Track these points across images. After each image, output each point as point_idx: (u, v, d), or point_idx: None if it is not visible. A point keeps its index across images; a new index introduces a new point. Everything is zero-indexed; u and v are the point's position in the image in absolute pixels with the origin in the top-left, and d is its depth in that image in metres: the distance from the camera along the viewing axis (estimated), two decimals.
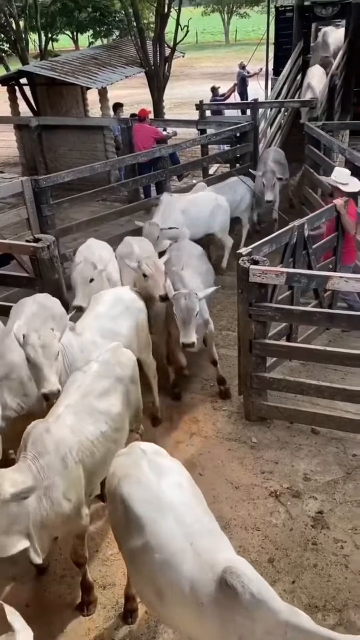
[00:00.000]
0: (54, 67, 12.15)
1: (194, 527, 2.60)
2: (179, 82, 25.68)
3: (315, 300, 5.97)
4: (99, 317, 4.43)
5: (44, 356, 3.61)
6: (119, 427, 3.55)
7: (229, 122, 9.90)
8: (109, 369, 3.64)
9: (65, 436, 3.13)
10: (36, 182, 6.89)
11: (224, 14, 47.78)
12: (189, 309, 4.47)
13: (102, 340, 4.21)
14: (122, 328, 4.44)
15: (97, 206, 9.95)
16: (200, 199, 7.76)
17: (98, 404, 3.44)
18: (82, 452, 3.20)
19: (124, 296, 4.71)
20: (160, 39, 13.14)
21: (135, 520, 2.69)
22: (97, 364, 3.64)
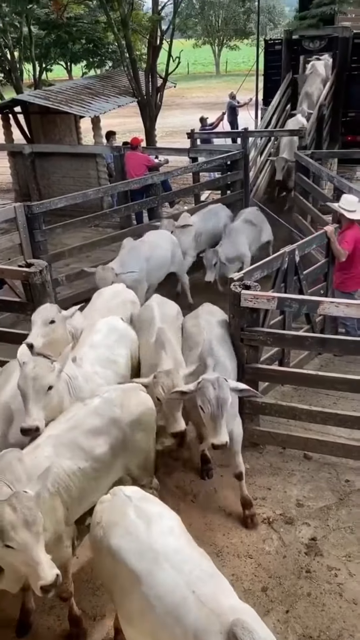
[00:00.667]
0: (48, 96, 12.37)
1: (194, 574, 2.46)
2: (171, 111, 26.15)
3: (307, 325, 6.01)
4: (96, 347, 4.29)
5: (32, 388, 3.41)
6: (102, 469, 3.34)
7: (220, 151, 10.09)
8: (108, 408, 3.48)
9: (40, 465, 2.97)
10: (29, 208, 6.95)
11: (214, 46, 49.03)
12: (219, 401, 3.51)
13: (102, 370, 4.10)
14: (118, 357, 4.34)
15: (90, 232, 10.02)
16: (161, 242, 7.30)
17: (82, 440, 3.29)
18: (58, 483, 3.09)
19: (117, 325, 4.61)
20: (152, 70, 13.43)
21: (129, 575, 2.53)
22: (100, 399, 3.52)
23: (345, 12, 13.45)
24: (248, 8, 43.82)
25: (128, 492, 2.88)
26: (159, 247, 7.18)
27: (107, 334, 4.45)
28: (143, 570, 2.50)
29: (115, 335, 4.47)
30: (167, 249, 7.27)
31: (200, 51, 48.89)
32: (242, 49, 46.80)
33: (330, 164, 11.75)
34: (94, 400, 3.51)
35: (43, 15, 17.27)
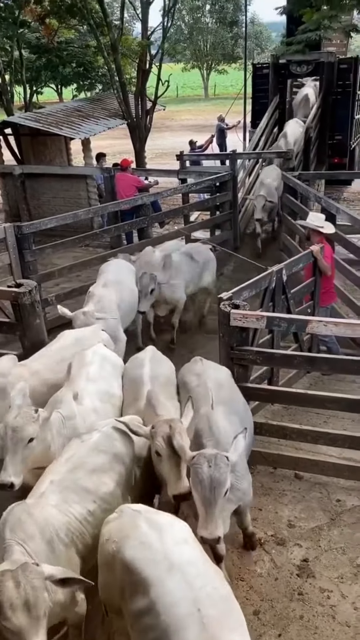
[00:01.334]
0: (39, 118, 12.49)
1: (204, 591, 2.38)
2: (160, 134, 26.49)
3: (295, 343, 6.04)
4: (94, 380, 4.10)
5: (10, 440, 3.23)
6: (111, 509, 3.03)
7: (209, 172, 10.20)
8: (108, 443, 3.32)
9: (51, 517, 2.85)
10: (19, 228, 6.97)
11: (203, 70, 49.87)
12: (215, 484, 2.97)
13: (101, 405, 3.96)
14: (115, 389, 4.22)
15: (80, 252, 10.04)
16: (128, 289, 6.54)
17: (86, 481, 3.11)
18: (72, 533, 2.92)
19: (106, 354, 4.45)
20: (141, 93, 13.65)
21: (142, 583, 2.47)
22: (99, 434, 3.36)
23: (330, 38, 13.78)
24: (235, 33, 44.91)
25: (135, 507, 2.85)
26: (126, 294, 6.39)
27: (101, 364, 4.28)
28: (155, 579, 2.45)
29: (109, 366, 4.33)
30: (134, 299, 6.56)
31: (189, 75, 49.68)
32: (230, 72, 47.66)
33: (317, 185, 11.91)
34: (93, 436, 3.35)
35: (34, 39, 17.57)
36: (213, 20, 46.79)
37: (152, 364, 4.27)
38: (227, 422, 3.56)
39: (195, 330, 7.67)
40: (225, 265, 9.69)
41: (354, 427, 5.22)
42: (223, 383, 4.02)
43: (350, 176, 13.31)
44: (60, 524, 2.87)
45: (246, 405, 4.16)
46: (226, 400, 3.80)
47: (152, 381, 4.02)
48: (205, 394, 3.71)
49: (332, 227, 6.24)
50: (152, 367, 4.22)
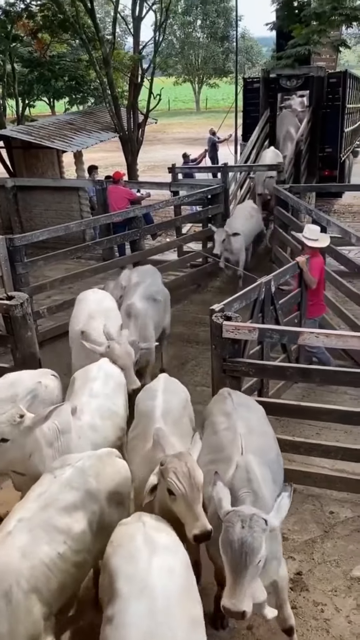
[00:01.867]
0: (31, 131, 12.55)
1: (161, 628, 2.31)
2: (153, 146, 26.66)
3: (283, 354, 6.06)
4: (96, 396, 4.01)
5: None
6: (82, 551, 2.95)
7: (201, 185, 10.27)
8: (82, 479, 3.11)
9: (11, 563, 2.61)
10: (11, 240, 6.96)
11: (194, 84, 50.40)
12: (246, 549, 2.57)
13: (101, 422, 3.86)
14: (118, 407, 4.11)
15: (72, 264, 10.05)
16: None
17: (57, 520, 2.89)
18: (35, 578, 2.67)
19: (112, 371, 4.35)
20: (133, 107, 13.76)
21: (113, 592, 2.49)
22: (72, 470, 3.15)
23: (319, 52, 13.99)
24: (226, 48, 45.46)
25: (146, 517, 2.84)
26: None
27: (105, 380, 4.20)
28: (124, 594, 2.44)
29: (112, 383, 4.24)
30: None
31: (181, 88, 50.16)
32: (221, 86, 48.20)
33: (308, 197, 12.02)
34: (66, 471, 3.14)
35: (26, 53, 17.70)
36: (204, 35, 47.40)
37: (165, 395, 3.88)
38: (264, 477, 3.15)
39: (187, 342, 7.67)
40: (216, 278, 9.74)
41: (346, 438, 5.23)
42: (255, 427, 3.56)
43: (341, 188, 13.48)
44: (23, 569, 2.63)
45: (279, 454, 3.70)
46: (258, 448, 3.36)
47: (164, 417, 3.63)
48: (234, 439, 3.34)
49: (326, 240, 6.24)
50: (165, 399, 3.83)
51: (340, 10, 9.67)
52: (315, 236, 6.17)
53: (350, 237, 6.66)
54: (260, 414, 3.86)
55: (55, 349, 7.23)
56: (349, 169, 16.31)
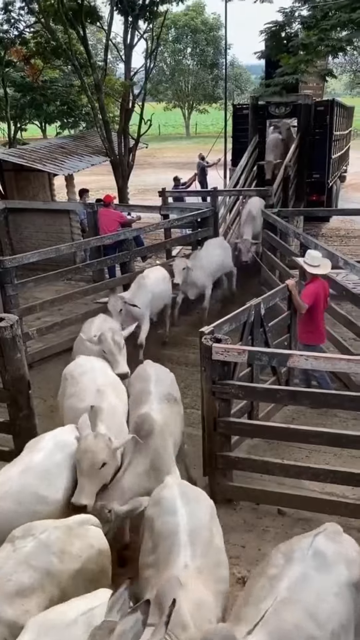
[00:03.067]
0: (22, 154, 12.66)
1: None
2: (143, 170, 26.94)
3: (273, 376, 6.08)
4: (27, 471, 3.44)
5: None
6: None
7: (191, 208, 10.40)
8: (43, 557, 2.71)
9: None
10: (1, 262, 6.98)
11: (184, 110, 51.25)
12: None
13: (19, 508, 3.25)
14: (55, 491, 3.43)
15: (62, 285, 10.07)
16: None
17: (6, 608, 2.52)
18: None
19: (68, 440, 3.72)
20: (124, 131, 13.94)
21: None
22: (34, 543, 2.74)
23: (306, 81, 14.33)
24: (216, 75, 46.39)
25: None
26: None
27: (52, 452, 3.65)
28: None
29: (60, 455, 3.62)
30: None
31: (171, 114, 50.97)
32: (210, 112, 49.06)
33: (296, 221, 12.20)
34: (27, 543, 2.75)
35: (19, 78, 17.94)
36: (194, 63, 48.35)
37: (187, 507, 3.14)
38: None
39: (177, 364, 7.67)
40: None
41: (336, 461, 5.23)
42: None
43: (328, 213, 13.65)
44: None
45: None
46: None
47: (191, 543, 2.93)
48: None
49: (327, 266, 6.12)
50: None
51: (326, 41, 9.93)
52: (316, 262, 6.07)
53: (337, 260, 6.74)
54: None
55: (44, 370, 7.22)
56: (336, 194, 16.61)
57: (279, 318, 6.24)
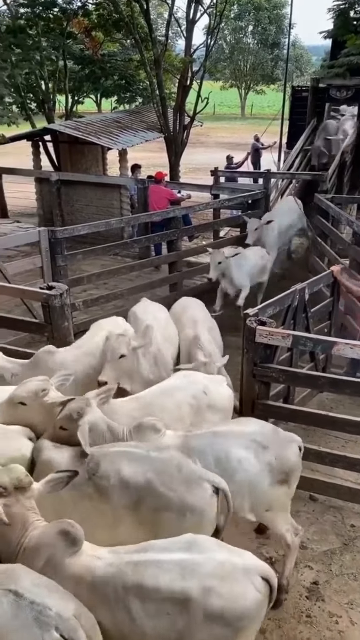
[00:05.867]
0: (78, 127, 12.75)
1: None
2: (195, 149, 26.73)
3: (311, 362, 6.03)
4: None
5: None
6: None
7: (242, 189, 10.28)
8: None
9: None
10: (53, 233, 7.10)
11: (241, 90, 50.43)
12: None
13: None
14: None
15: (109, 260, 10.18)
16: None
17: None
18: None
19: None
20: (180, 108, 13.85)
21: None
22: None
23: None
24: (276, 55, 45.39)
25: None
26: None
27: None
28: None
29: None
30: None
31: (227, 93, 50.24)
32: (267, 93, 48.10)
33: (349, 209, 11.91)
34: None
35: (78, 50, 17.99)
36: (255, 41, 47.40)
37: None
38: None
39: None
40: None
41: None
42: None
43: None
44: None
45: None
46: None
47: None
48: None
49: None
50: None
51: None
52: None
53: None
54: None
55: None
56: None
57: (321, 304, 6.17)
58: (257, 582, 2.62)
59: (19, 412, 3.54)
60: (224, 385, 4.34)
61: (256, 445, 3.53)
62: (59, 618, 2.28)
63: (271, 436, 3.62)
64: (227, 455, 3.45)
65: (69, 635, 2.27)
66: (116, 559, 2.63)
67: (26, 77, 15.83)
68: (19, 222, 14.53)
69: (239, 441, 3.53)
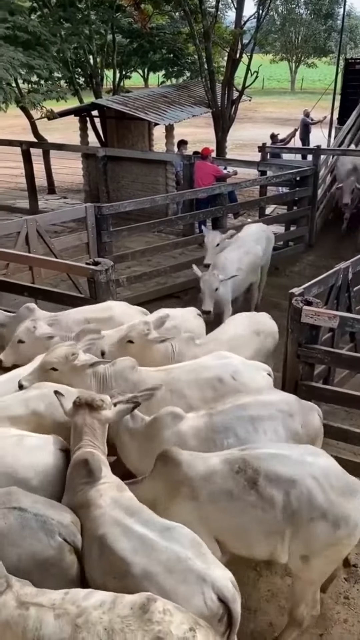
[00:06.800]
0: (126, 102, 12.68)
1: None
2: (242, 125, 26.22)
3: (351, 343, 5.90)
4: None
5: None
6: None
7: (290, 166, 10.06)
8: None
9: None
10: (99, 209, 7.15)
11: (291, 63, 48.93)
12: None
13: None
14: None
15: (152, 237, 10.20)
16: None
17: None
18: None
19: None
20: (229, 83, 13.56)
21: None
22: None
23: None
24: (329, 26, 43.67)
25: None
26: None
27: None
28: None
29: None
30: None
31: (276, 67, 48.87)
32: (319, 66, 46.50)
33: None
34: None
35: (127, 24, 17.78)
36: (307, 12, 45.75)
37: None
38: None
39: None
40: (297, 262, 9.59)
41: None
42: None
43: None
44: None
45: None
46: None
47: None
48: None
49: None
50: None
51: None
52: None
53: None
54: None
55: None
56: None
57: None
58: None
59: (52, 377, 3.72)
60: (262, 373, 4.16)
61: (283, 414, 3.51)
62: (60, 525, 2.70)
63: (295, 404, 3.62)
64: (255, 427, 3.42)
65: (70, 539, 2.70)
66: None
67: (75, 52, 15.75)
68: (66, 198, 14.70)
69: (265, 411, 3.50)
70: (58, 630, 2.17)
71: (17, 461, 3.09)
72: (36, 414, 3.50)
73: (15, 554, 2.61)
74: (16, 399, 3.59)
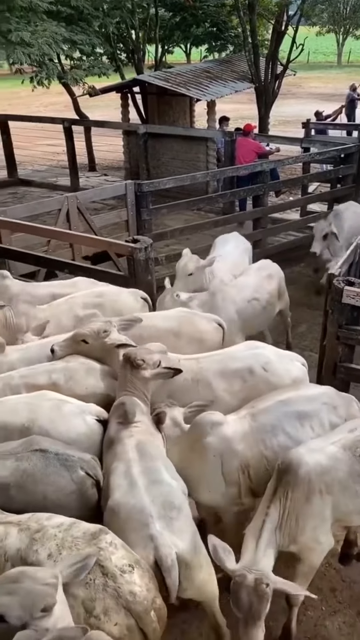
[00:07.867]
0: (168, 77, 12.53)
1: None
2: (286, 100, 25.59)
3: None
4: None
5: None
6: None
7: (334, 143, 9.78)
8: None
9: None
10: (139, 186, 7.13)
11: (339, 35, 47.18)
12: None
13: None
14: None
15: (191, 215, 10.12)
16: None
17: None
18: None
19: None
20: (273, 56, 13.24)
21: None
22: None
23: None
24: None
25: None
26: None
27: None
28: None
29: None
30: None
31: (323, 40, 47.14)
32: None
33: None
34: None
35: None
36: None
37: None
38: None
39: (300, 305, 7.52)
40: None
41: None
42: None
43: None
44: None
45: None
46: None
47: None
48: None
49: None
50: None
51: None
52: None
53: None
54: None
55: None
56: None
57: None
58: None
59: (83, 349, 3.82)
60: (297, 364, 3.99)
61: (327, 407, 3.48)
62: (81, 461, 2.97)
63: (336, 397, 3.58)
64: (302, 423, 3.38)
65: (92, 472, 2.96)
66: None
67: (117, 26, 15.61)
68: (107, 176, 14.74)
69: (310, 406, 3.45)
70: (18, 542, 2.50)
71: (53, 427, 3.22)
72: (56, 385, 3.60)
73: (40, 492, 2.89)
74: (43, 367, 3.72)
